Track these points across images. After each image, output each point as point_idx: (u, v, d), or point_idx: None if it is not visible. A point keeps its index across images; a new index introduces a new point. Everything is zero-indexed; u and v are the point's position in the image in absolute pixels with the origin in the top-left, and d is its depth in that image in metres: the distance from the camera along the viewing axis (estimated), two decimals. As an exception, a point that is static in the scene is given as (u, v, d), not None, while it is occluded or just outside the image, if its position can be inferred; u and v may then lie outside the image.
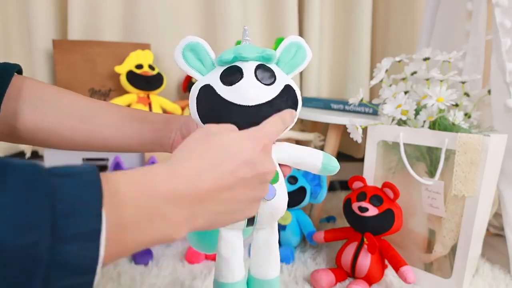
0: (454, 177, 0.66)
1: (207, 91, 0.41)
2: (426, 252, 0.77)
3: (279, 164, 0.46)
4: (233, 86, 0.40)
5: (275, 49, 0.45)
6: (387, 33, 1.25)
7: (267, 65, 0.43)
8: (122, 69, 0.98)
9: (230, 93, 0.40)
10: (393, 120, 0.76)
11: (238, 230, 0.47)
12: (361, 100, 0.81)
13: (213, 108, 0.41)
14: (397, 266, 0.67)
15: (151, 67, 1.00)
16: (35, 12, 1.00)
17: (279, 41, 0.59)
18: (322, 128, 1.10)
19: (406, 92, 0.77)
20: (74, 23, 1.02)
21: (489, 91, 0.77)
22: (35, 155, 1.09)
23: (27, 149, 0.98)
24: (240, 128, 0.38)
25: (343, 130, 0.90)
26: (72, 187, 0.22)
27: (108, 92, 1.02)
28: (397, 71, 0.84)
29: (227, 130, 0.35)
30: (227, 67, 0.42)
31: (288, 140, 0.99)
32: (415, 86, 0.79)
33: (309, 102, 1.06)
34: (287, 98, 0.42)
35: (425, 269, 0.75)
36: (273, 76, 0.42)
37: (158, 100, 1.01)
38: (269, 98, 0.41)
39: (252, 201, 0.35)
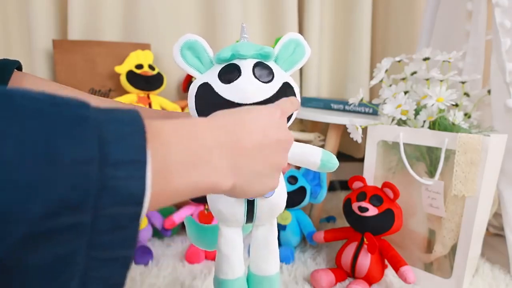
0: (454, 177, 0.66)
1: (205, 89, 0.41)
2: (426, 252, 0.77)
3: None
4: (231, 84, 0.40)
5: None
6: (387, 33, 1.25)
7: (265, 62, 0.43)
8: (122, 69, 0.98)
9: (228, 91, 0.40)
10: (393, 120, 0.76)
11: (237, 227, 0.47)
12: (361, 100, 0.81)
13: (211, 107, 0.41)
14: (397, 266, 0.67)
15: (151, 67, 1.00)
16: (35, 12, 1.00)
17: (278, 40, 0.59)
18: (322, 128, 1.10)
19: (406, 92, 0.77)
20: (74, 23, 1.02)
21: (489, 91, 0.77)
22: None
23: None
24: None
25: (343, 130, 0.90)
26: (116, 122, 0.23)
27: (108, 92, 1.02)
28: (397, 71, 0.84)
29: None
30: (225, 65, 0.42)
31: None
32: (415, 86, 0.79)
33: (309, 102, 1.06)
34: (285, 96, 0.42)
35: (425, 269, 0.75)
36: (271, 73, 0.42)
37: (158, 100, 1.01)
38: (267, 96, 0.41)
39: (277, 168, 0.36)
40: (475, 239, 0.69)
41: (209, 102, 0.41)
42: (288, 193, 0.83)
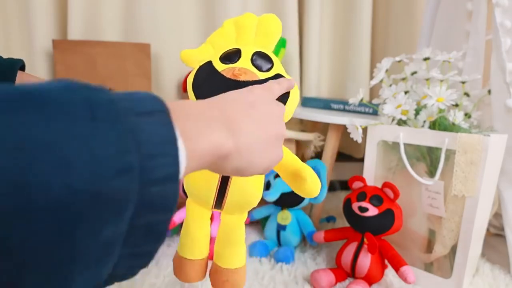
0: (454, 177, 0.66)
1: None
2: (426, 252, 0.77)
3: None
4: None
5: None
6: (387, 33, 1.25)
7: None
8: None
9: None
10: (393, 120, 0.76)
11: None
12: (361, 100, 0.81)
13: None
14: (397, 266, 0.67)
15: None
16: (35, 12, 1.00)
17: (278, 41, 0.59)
18: (322, 128, 1.10)
19: (406, 92, 0.77)
20: (74, 23, 1.02)
21: (489, 91, 0.77)
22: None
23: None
24: None
25: (343, 130, 0.90)
26: (150, 127, 0.22)
27: (108, 92, 1.02)
28: (397, 71, 0.84)
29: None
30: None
31: (289, 140, 0.99)
32: (415, 86, 0.79)
33: (309, 102, 1.06)
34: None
35: (425, 269, 0.75)
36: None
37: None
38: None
39: (276, 136, 0.35)
40: (475, 239, 0.69)
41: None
42: (288, 193, 0.84)
